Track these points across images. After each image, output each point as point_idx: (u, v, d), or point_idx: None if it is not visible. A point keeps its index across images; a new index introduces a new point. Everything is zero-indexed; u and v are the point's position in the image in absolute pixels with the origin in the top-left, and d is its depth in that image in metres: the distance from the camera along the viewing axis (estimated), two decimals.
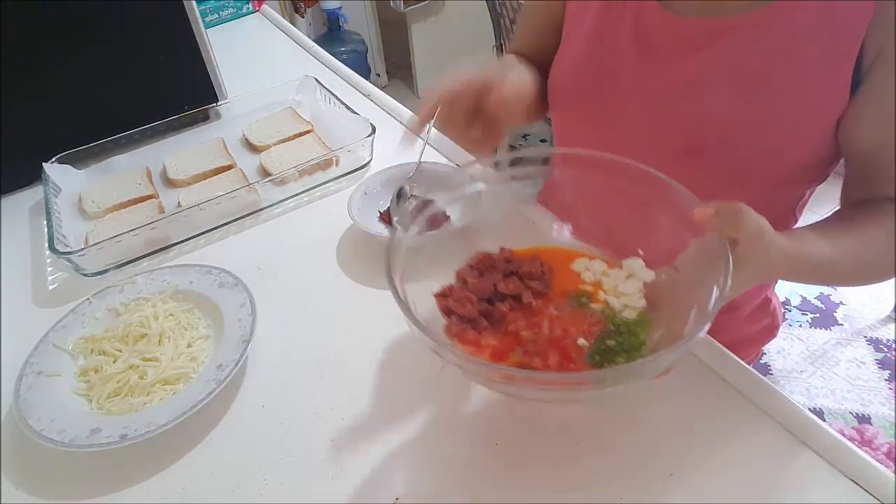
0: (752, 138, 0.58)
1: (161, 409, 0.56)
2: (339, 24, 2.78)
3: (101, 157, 0.92)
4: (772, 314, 0.84)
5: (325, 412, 0.59)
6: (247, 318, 0.63)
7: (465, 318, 0.48)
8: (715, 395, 0.57)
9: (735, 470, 0.52)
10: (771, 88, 0.56)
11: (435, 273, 0.53)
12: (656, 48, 0.61)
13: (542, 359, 0.46)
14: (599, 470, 0.52)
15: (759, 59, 0.56)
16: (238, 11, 1.41)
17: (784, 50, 0.55)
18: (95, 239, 0.76)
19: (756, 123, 0.57)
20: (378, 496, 0.52)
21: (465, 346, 0.47)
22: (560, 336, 0.47)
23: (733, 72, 0.57)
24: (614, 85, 0.64)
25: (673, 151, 0.61)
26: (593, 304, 0.50)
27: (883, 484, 0.49)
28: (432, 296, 0.50)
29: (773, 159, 0.58)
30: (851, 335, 1.82)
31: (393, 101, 1.06)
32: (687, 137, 0.60)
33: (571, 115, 0.71)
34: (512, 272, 0.51)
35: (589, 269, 0.53)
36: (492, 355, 0.47)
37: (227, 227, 0.82)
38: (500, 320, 0.49)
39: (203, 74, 1.02)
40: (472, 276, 0.51)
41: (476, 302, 0.48)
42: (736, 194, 0.61)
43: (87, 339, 0.64)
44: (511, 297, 0.50)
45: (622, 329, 0.47)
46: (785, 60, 0.55)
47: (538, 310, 0.50)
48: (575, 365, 0.45)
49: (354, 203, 0.77)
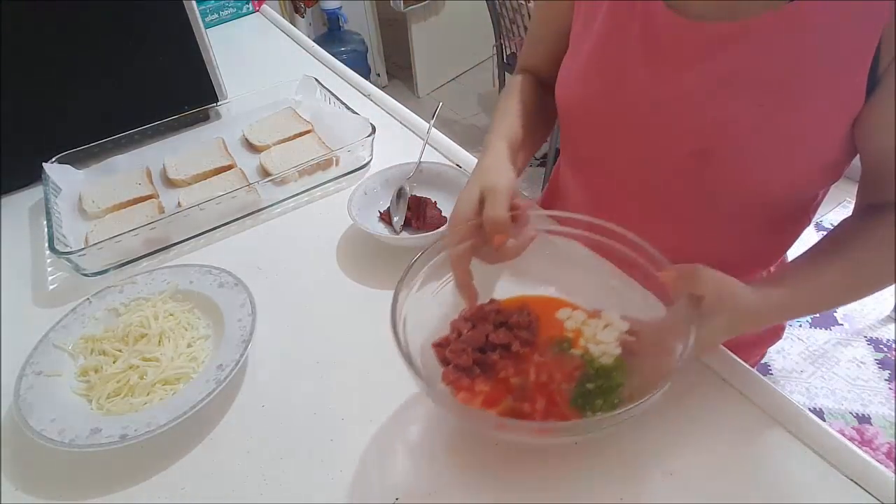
0: (764, 141, 0.57)
1: (161, 409, 0.56)
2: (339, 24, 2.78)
3: (101, 157, 0.92)
4: None
5: (325, 412, 0.59)
6: (247, 318, 0.63)
7: (460, 367, 0.52)
8: (715, 396, 0.57)
9: (735, 470, 0.52)
10: (783, 91, 0.55)
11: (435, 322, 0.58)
12: (666, 52, 0.60)
13: (530, 404, 0.50)
14: (599, 470, 0.52)
15: (772, 63, 0.55)
16: (238, 11, 1.41)
17: (797, 53, 0.54)
18: (95, 239, 0.77)
19: (768, 126, 0.57)
20: (378, 496, 0.52)
21: (461, 393, 0.51)
22: (546, 381, 0.52)
23: (745, 75, 0.56)
24: (623, 89, 0.63)
25: (683, 155, 0.61)
26: (574, 350, 0.55)
27: (883, 484, 0.49)
28: (431, 346, 0.55)
29: (786, 162, 0.58)
30: (851, 335, 1.82)
31: (393, 101, 1.06)
32: (697, 141, 0.60)
33: (579, 120, 0.70)
34: (502, 322, 0.56)
35: (571, 317, 0.58)
36: (485, 401, 0.51)
37: (227, 227, 0.82)
38: (492, 368, 0.53)
39: (203, 74, 1.02)
40: (466, 328, 0.56)
41: (470, 352, 0.53)
42: (746, 198, 0.62)
43: (87, 339, 0.64)
44: (501, 346, 0.54)
45: (600, 373, 0.52)
46: (797, 63, 0.55)
47: (526, 357, 0.54)
48: (559, 409, 0.50)
49: (354, 203, 0.77)
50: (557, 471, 0.52)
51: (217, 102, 1.04)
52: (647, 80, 0.62)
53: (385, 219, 0.79)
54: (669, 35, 0.59)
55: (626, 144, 0.66)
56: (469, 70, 3.20)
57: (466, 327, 0.55)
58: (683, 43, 0.59)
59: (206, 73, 1.02)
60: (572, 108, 0.70)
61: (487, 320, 0.56)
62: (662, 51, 0.60)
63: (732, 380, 0.58)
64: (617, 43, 0.63)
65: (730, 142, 0.59)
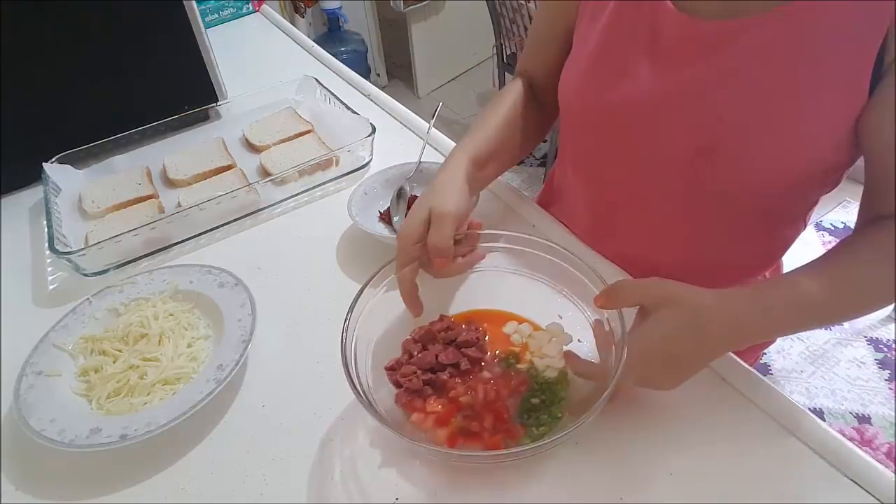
0: (765, 140, 0.57)
1: (161, 409, 0.56)
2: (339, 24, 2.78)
3: (101, 157, 0.92)
4: None
5: (325, 412, 0.59)
6: (247, 318, 0.63)
7: (411, 389, 0.55)
8: (715, 396, 0.57)
9: (735, 470, 0.52)
10: (787, 89, 0.55)
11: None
12: (670, 50, 0.60)
13: (479, 422, 0.53)
14: (599, 470, 0.52)
15: (775, 60, 0.55)
16: (238, 11, 1.41)
17: (799, 51, 0.54)
18: (95, 239, 0.77)
19: (771, 123, 0.57)
20: (378, 496, 0.52)
21: (414, 414, 0.54)
22: (493, 398, 0.55)
23: (749, 73, 0.56)
24: (624, 85, 0.63)
25: (684, 153, 0.61)
26: (520, 365, 0.58)
27: (883, 484, 0.49)
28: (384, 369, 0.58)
29: (787, 162, 0.58)
30: (851, 335, 1.82)
31: (393, 101, 1.06)
32: (701, 138, 0.60)
33: (581, 118, 0.70)
34: (451, 341, 0.59)
35: (518, 331, 0.61)
36: (436, 421, 0.54)
37: (227, 227, 0.82)
38: (442, 387, 0.56)
39: (203, 74, 1.02)
40: (416, 349, 0.58)
41: (420, 374, 0.56)
42: (745, 198, 0.62)
43: (87, 339, 0.64)
44: (451, 366, 0.57)
45: (544, 388, 0.55)
46: (799, 62, 0.55)
47: (475, 374, 0.57)
48: (507, 425, 0.53)
49: (354, 203, 0.77)
50: (557, 471, 0.52)
51: (217, 102, 1.04)
52: (650, 77, 0.62)
53: (385, 219, 0.79)
54: (673, 32, 0.60)
55: (627, 142, 0.66)
56: (469, 70, 3.20)
57: (417, 349, 0.58)
58: (687, 40, 0.59)
59: (206, 73, 1.02)
60: (574, 105, 0.70)
61: (437, 340, 0.59)
62: (666, 48, 0.60)
63: (732, 380, 0.58)
64: (621, 41, 0.63)
65: (731, 140, 0.59)
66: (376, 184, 0.82)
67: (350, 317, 0.55)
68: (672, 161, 0.63)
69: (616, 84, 0.64)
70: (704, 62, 0.58)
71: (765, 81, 0.56)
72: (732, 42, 0.56)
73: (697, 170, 0.61)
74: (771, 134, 0.57)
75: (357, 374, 0.53)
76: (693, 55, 0.59)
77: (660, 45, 0.61)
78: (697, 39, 0.58)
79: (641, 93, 0.62)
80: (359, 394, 0.49)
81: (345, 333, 0.54)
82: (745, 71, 0.57)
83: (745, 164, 0.59)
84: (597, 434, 0.54)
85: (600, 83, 0.65)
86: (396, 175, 0.82)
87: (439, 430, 0.53)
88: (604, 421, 0.55)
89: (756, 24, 0.55)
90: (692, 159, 0.61)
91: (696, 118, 0.60)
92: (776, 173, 0.59)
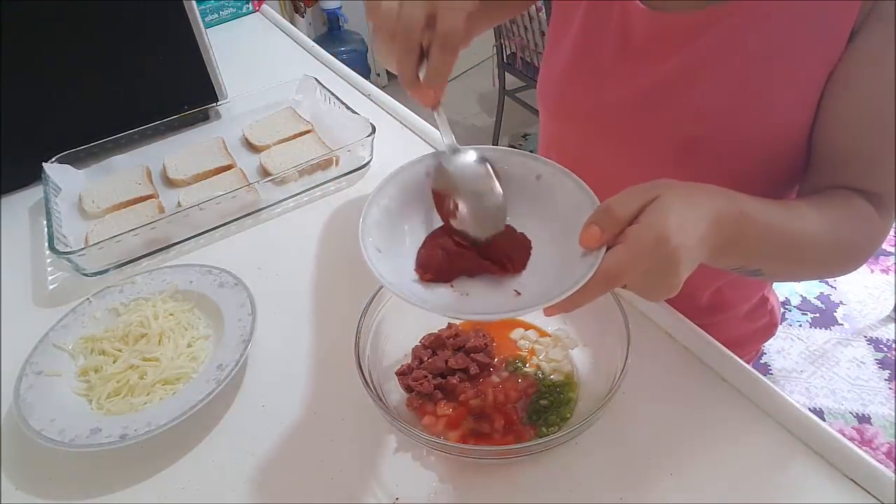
0: (749, 124, 0.57)
1: (161, 409, 0.56)
2: (339, 23, 2.78)
3: (101, 157, 0.92)
4: (770, 313, 0.84)
5: (325, 412, 0.59)
6: (247, 318, 0.63)
7: (422, 393, 0.56)
8: (715, 395, 0.57)
9: (735, 470, 0.52)
10: (763, 72, 0.56)
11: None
12: (643, 47, 0.61)
13: (489, 423, 0.54)
14: (599, 470, 0.52)
15: (749, 45, 0.56)
16: (238, 11, 1.41)
17: (773, 33, 0.54)
18: (95, 239, 0.76)
19: (751, 108, 0.57)
20: (378, 496, 0.52)
21: (425, 417, 0.55)
22: (503, 401, 0.56)
23: (724, 60, 0.57)
24: (603, 87, 0.64)
25: (669, 150, 0.61)
26: (527, 368, 0.59)
27: (883, 484, 0.49)
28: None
29: (772, 145, 0.58)
30: (851, 335, 1.82)
31: (393, 101, 1.05)
32: (683, 132, 0.60)
33: (564, 120, 0.70)
34: (459, 347, 0.60)
35: (524, 337, 0.62)
36: (447, 424, 0.55)
37: (227, 227, 0.82)
38: (453, 391, 0.57)
39: (203, 74, 1.02)
40: (426, 355, 0.59)
41: (431, 378, 0.57)
42: (736, 185, 0.61)
43: (87, 339, 0.64)
44: (460, 370, 0.58)
45: (552, 390, 0.56)
46: (774, 43, 0.55)
47: (484, 378, 0.58)
48: (516, 426, 0.54)
49: (370, 234, 0.55)
50: (557, 471, 0.52)
51: (217, 102, 1.04)
52: (628, 75, 0.62)
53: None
54: (645, 29, 0.60)
55: (611, 141, 0.66)
56: (469, 70, 3.20)
57: (427, 354, 0.59)
58: (657, 36, 0.59)
59: (206, 73, 1.02)
60: (556, 108, 0.70)
61: (446, 346, 0.60)
62: (639, 46, 0.61)
63: (732, 379, 0.58)
64: (595, 43, 0.64)
65: (714, 129, 0.59)
66: (392, 201, 0.55)
67: (362, 321, 0.56)
68: (659, 155, 0.63)
69: (595, 87, 0.64)
70: (678, 56, 0.58)
71: (740, 67, 0.56)
72: (703, 32, 0.57)
73: (684, 162, 0.61)
74: (752, 119, 0.57)
75: (370, 377, 0.53)
76: (666, 50, 0.59)
77: (633, 44, 0.61)
78: (668, 34, 0.59)
79: (621, 93, 0.62)
80: (374, 397, 0.50)
81: (358, 337, 0.54)
82: (719, 59, 0.57)
83: (731, 151, 0.59)
84: (597, 434, 0.54)
85: (579, 87, 0.65)
86: (411, 178, 0.57)
87: (451, 433, 0.54)
88: (604, 421, 0.55)
89: (725, 12, 0.55)
90: (678, 152, 0.61)
91: (678, 111, 0.60)
92: (757, 165, 0.59)
